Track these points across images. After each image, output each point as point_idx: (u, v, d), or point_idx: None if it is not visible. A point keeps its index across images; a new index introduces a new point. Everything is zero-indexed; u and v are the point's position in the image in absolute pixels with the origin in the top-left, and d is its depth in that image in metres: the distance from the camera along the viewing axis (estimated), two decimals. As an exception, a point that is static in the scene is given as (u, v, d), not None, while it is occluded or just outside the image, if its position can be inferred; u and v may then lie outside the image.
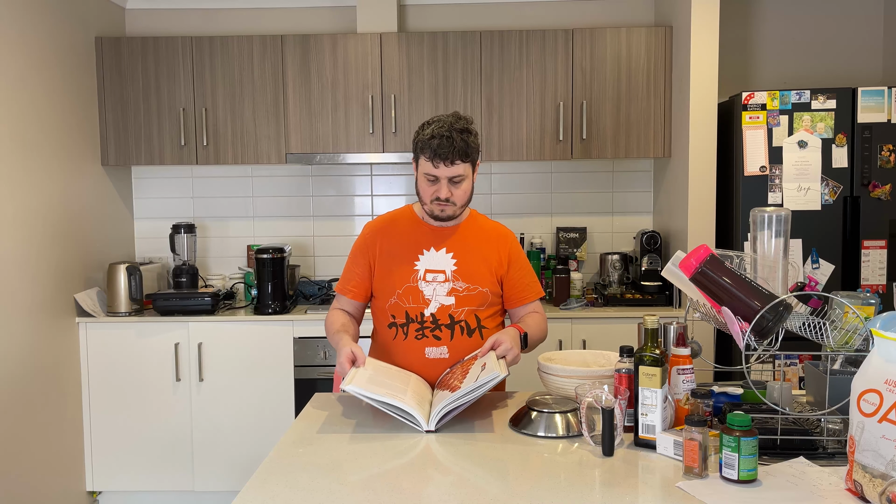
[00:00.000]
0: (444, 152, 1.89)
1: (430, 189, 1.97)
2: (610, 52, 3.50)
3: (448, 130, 1.90)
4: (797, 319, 1.64)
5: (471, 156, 1.95)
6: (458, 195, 1.97)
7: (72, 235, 3.34)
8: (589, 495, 1.37)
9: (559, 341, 3.35)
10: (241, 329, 3.38)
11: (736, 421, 1.38)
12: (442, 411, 1.71)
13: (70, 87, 3.34)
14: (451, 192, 1.95)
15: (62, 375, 3.24)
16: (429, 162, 1.92)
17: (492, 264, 2.05)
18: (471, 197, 2.03)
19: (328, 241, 3.95)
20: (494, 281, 2.05)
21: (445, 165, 1.91)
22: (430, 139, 1.91)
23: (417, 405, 1.75)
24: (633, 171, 3.90)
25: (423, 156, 1.94)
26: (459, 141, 1.90)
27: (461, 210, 2.03)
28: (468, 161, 1.94)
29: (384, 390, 1.75)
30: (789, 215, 1.73)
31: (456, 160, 1.91)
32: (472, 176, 2.00)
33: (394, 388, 1.78)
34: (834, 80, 3.75)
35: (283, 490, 1.41)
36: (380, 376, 1.83)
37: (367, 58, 3.53)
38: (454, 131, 1.90)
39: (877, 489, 1.25)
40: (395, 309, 2.03)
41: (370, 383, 1.76)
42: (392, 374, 1.89)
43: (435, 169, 1.92)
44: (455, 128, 1.91)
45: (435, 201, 1.97)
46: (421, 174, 1.98)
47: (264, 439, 3.37)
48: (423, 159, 1.94)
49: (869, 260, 3.18)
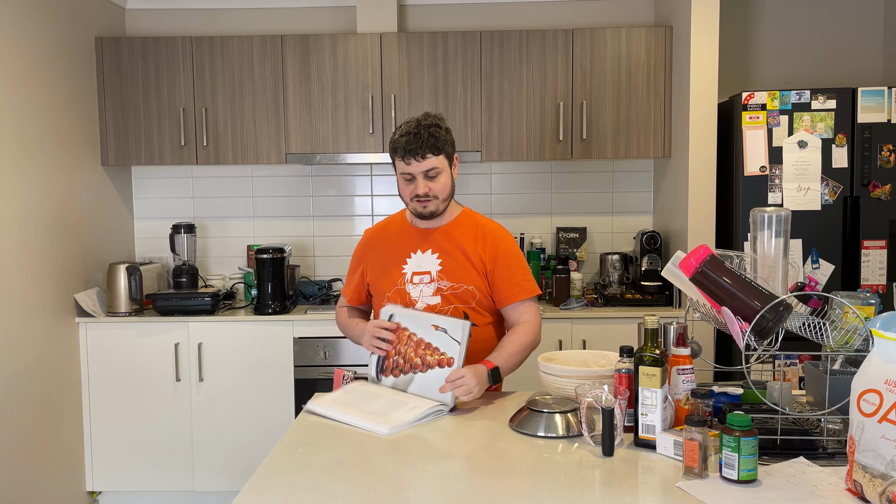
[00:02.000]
0: (413, 148, 1.96)
1: (409, 188, 2.03)
2: (610, 52, 3.50)
3: (415, 128, 1.98)
4: (797, 319, 1.64)
5: (443, 149, 2.00)
6: (437, 189, 2.01)
7: (72, 235, 3.34)
8: (589, 495, 1.37)
9: (559, 341, 3.35)
10: (241, 329, 3.38)
11: (736, 421, 1.38)
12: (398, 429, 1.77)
13: (70, 87, 3.34)
14: (429, 188, 2.00)
15: (62, 375, 3.24)
16: (401, 161, 2.00)
17: (475, 262, 2.07)
18: (452, 191, 2.06)
19: (328, 241, 3.95)
20: (481, 278, 2.07)
21: (417, 161, 1.97)
22: (398, 138, 1.99)
23: (373, 419, 1.79)
24: (633, 171, 3.90)
25: (396, 157, 2.01)
26: (426, 135, 1.97)
27: (444, 205, 2.05)
28: (440, 154, 2.00)
29: (344, 409, 1.85)
30: (789, 215, 1.73)
31: (427, 154, 1.97)
32: (451, 170, 2.06)
33: (355, 407, 1.86)
34: (834, 80, 3.75)
35: (283, 490, 1.41)
36: (352, 397, 1.94)
37: (367, 58, 3.53)
38: (421, 128, 1.98)
39: (877, 489, 1.25)
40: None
41: (334, 403, 1.90)
42: (367, 396, 1.94)
43: (407, 166, 1.99)
44: (422, 124, 1.99)
45: (415, 199, 2.02)
46: (399, 176, 2.05)
47: (264, 439, 3.37)
48: (397, 160, 2.02)
49: (869, 260, 3.18)
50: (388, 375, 1.99)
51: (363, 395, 1.94)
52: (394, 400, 1.89)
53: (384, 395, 1.93)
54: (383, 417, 1.78)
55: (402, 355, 1.97)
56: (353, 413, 1.82)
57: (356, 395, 1.93)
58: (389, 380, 1.99)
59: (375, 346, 2.00)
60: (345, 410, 1.83)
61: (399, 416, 1.79)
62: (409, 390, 1.94)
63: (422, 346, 1.95)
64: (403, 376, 1.96)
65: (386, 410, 1.83)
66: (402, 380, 1.96)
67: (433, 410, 1.82)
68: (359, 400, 1.90)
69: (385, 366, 2.00)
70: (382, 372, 2.01)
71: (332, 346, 3.37)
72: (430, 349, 1.94)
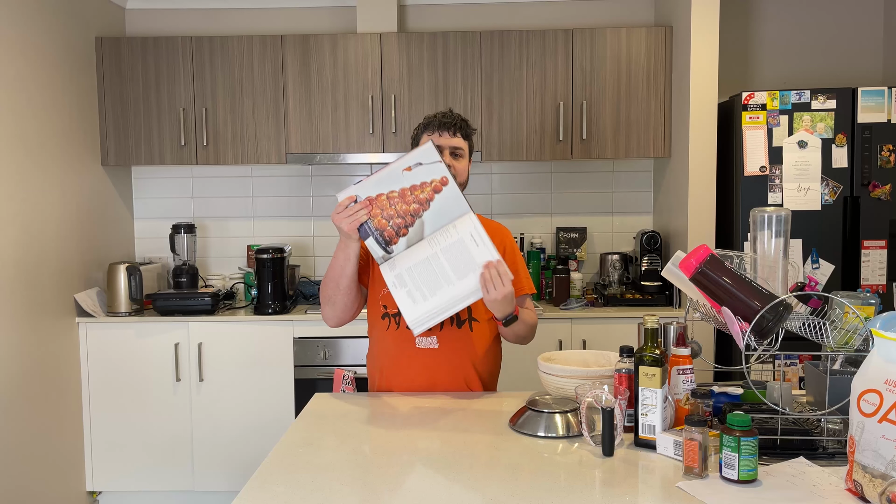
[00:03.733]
0: (448, 122, 2.05)
1: None
2: (610, 52, 3.50)
3: (450, 111, 2.10)
4: (797, 319, 1.64)
5: (469, 137, 2.09)
6: (459, 169, 2.04)
7: (72, 235, 3.34)
8: (589, 495, 1.37)
9: (559, 341, 3.35)
10: (241, 329, 3.38)
11: (736, 421, 1.37)
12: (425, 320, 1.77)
13: (70, 87, 3.34)
14: (453, 164, 2.02)
15: (62, 375, 3.24)
16: (434, 134, 2.04)
17: None
18: (466, 181, 2.08)
19: (328, 241, 3.95)
20: None
21: (449, 134, 2.04)
22: (433, 117, 2.08)
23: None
24: (633, 171, 3.90)
25: (426, 132, 2.06)
26: (459, 119, 2.07)
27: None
28: (467, 140, 2.08)
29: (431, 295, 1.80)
30: (789, 215, 1.73)
31: (457, 132, 2.05)
32: (468, 161, 2.09)
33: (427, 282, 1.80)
34: (834, 80, 3.75)
35: (283, 490, 1.41)
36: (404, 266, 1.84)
37: (367, 58, 3.53)
38: (454, 113, 2.10)
39: (877, 489, 1.25)
40: (387, 299, 2.04)
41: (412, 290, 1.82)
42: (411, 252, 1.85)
43: (439, 138, 2.03)
44: (454, 112, 2.11)
45: None
46: None
47: (264, 439, 3.37)
48: (425, 136, 2.06)
49: (869, 260, 3.18)
50: (397, 241, 1.85)
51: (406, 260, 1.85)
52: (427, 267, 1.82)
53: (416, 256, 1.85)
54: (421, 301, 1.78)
55: (397, 212, 1.84)
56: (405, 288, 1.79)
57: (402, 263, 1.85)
58: (401, 243, 1.85)
59: (353, 219, 1.84)
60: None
61: (434, 302, 1.78)
62: (427, 233, 1.83)
63: (407, 193, 1.84)
64: (411, 229, 1.85)
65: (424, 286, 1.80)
66: (413, 231, 1.84)
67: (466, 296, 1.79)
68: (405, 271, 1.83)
69: (387, 237, 1.86)
70: (388, 244, 1.86)
71: (332, 346, 3.37)
72: (416, 189, 1.83)
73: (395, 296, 1.82)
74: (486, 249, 1.81)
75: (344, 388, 2.20)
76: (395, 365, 2.06)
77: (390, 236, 1.86)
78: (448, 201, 1.83)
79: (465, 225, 1.83)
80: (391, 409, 1.92)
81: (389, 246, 1.86)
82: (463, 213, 1.84)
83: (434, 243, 1.83)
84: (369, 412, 1.89)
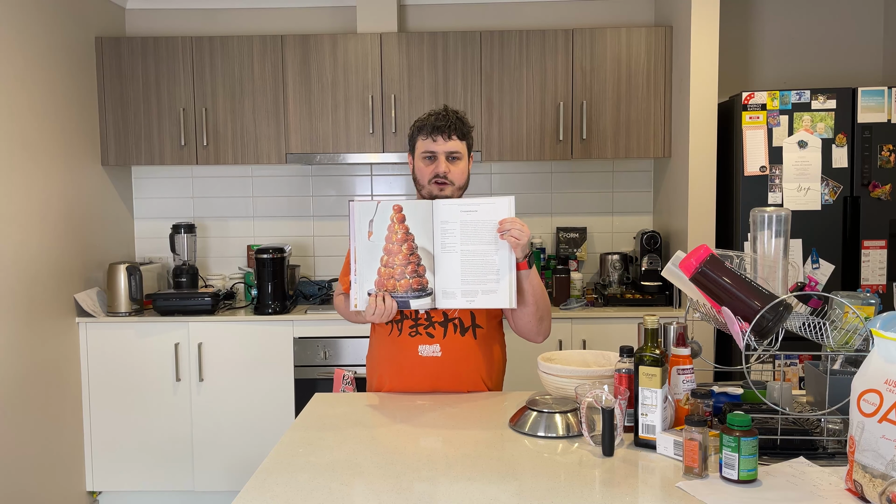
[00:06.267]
0: (441, 125, 1.97)
1: (429, 168, 2.00)
2: (610, 52, 3.50)
3: (444, 111, 2.01)
4: (797, 319, 1.64)
5: (466, 136, 2.03)
6: (456, 174, 2.00)
7: (72, 235, 3.34)
8: (589, 495, 1.37)
9: (559, 341, 3.35)
10: (241, 329, 3.38)
11: (736, 421, 1.37)
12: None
13: (70, 87, 3.34)
14: (449, 169, 1.99)
15: (62, 375, 3.24)
16: (427, 139, 1.99)
17: None
18: (466, 183, 2.05)
19: (328, 241, 3.95)
20: None
21: (444, 139, 1.98)
22: (426, 118, 2.01)
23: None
24: (633, 171, 3.90)
25: (420, 136, 2.01)
26: (454, 118, 1.99)
27: (458, 193, 2.03)
28: (464, 140, 2.02)
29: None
30: (789, 215, 1.73)
31: (453, 135, 1.98)
32: (468, 161, 2.05)
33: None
34: (834, 80, 3.75)
35: (283, 490, 1.41)
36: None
37: (367, 58, 3.53)
38: (449, 112, 2.02)
39: (877, 489, 1.25)
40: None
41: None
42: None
43: (433, 143, 1.98)
44: (450, 110, 2.03)
45: (433, 181, 1.99)
46: (419, 157, 2.02)
47: (264, 439, 3.37)
48: (420, 140, 2.01)
49: (869, 260, 3.18)
50: (426, 280, 1.88)
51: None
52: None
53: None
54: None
55: (401, 265, 1.87)
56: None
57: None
58: (429, 278, 1.88)
59: (388, 309, 1.86)
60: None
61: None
62: (435, 249, 1.88)
63: (389, 246, 1.86)
64: (424, 261, 1.88)
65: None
66: (426, 260, 1.88)
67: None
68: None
69: (416, 287, 1.88)
70: (424, 289, 1.88)
71: (332, 346, 3.37)
72: (390, 237, 1.87)
73: (479, 303, 1.88)
74: (483, 208, 1.87)
75: (344, 388, 2.20)
76: (397, 374, 2.03)
77: (418, 284, 1.89)
78: (416, 213, 1.87)
79: (448, 211, 1.88)
80: (391, 409, 1.92)
81: (427, 288, 1.89)
82: (433, 205, 1.88)
83: (449, 247, 1.87)
84: (369, 412, 1.89)
